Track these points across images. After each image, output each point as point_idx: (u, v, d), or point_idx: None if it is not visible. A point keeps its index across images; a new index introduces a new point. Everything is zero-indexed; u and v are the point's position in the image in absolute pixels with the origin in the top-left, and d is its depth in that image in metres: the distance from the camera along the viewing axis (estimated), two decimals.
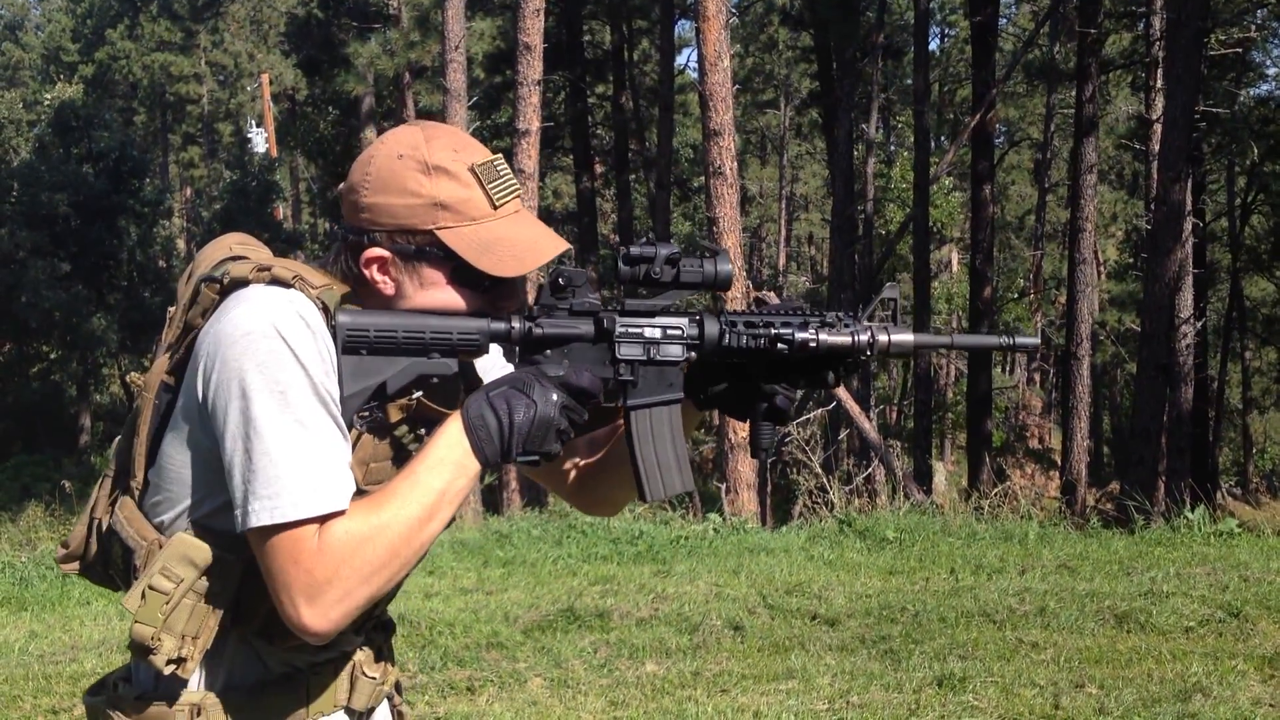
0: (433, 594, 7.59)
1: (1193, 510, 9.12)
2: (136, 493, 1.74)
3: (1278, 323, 31.07)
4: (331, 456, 1.60)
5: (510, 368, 1.82)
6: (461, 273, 1.70)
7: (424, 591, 7.59)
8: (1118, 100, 30.02)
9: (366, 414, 1.69)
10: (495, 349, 1.84)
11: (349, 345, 1.66)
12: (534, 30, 14.49)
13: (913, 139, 24.56)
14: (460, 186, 1.69)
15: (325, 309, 1.66)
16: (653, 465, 1.81)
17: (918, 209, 21.28)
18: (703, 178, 13.02)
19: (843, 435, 17.74)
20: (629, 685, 5.63)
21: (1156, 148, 17.98)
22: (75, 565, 1.86)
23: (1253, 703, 5.06)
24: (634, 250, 1.75)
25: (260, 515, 1.56)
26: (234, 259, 1.75)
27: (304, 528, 1.57)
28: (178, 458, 1.68)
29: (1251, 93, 26.61)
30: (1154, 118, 19.85)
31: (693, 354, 1.79)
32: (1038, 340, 1.91)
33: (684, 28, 33.80)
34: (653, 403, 1.80)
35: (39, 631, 7.12)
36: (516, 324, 1.73)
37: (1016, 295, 33.83)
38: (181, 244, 38.96)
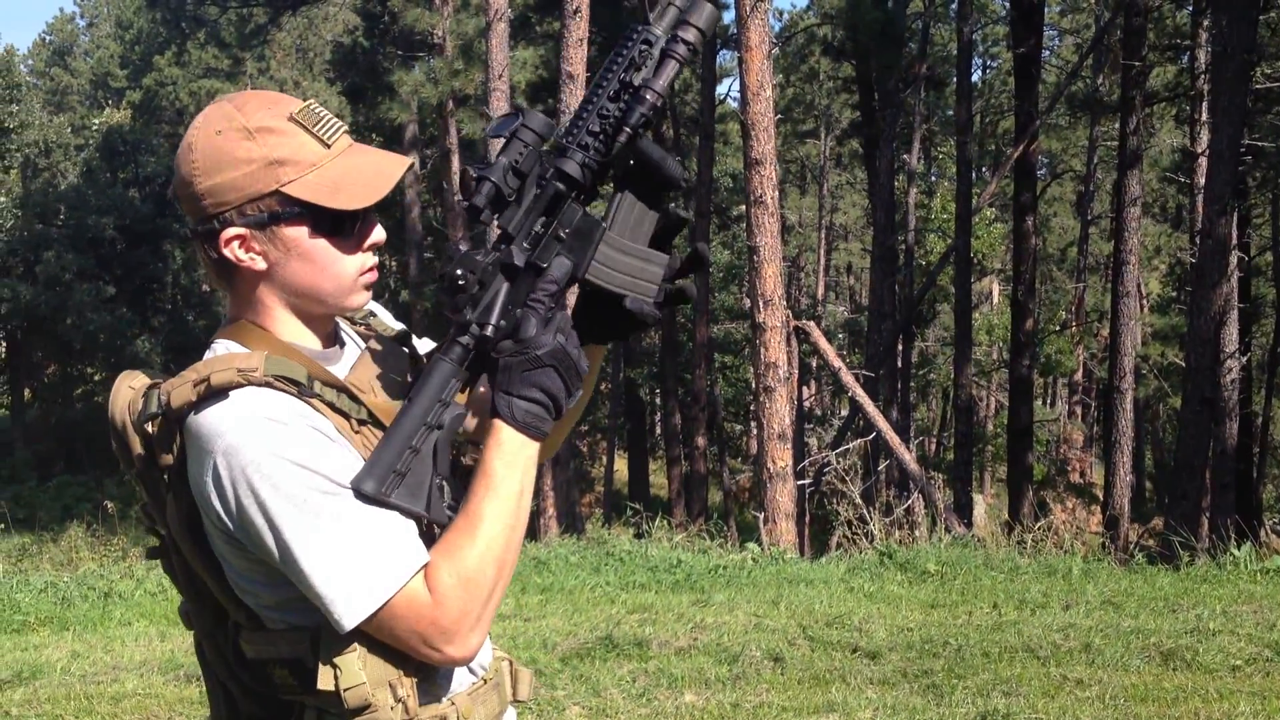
0: None
1: (1238, 547, 8.99)
2: None
3: None
4: (374, 524, 1.58)
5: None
6: (321, 222, 1.67)
7: None
8: (1162, 133, 29.86)
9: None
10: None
11: None
12: (577, 59, 14.56)
13: (954, 170, 24.48)
14: (288, 138, 1.65)
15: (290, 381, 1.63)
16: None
17: (959, 240, 21.19)
18: (743, 206, 13.02)
19: (882, 466, 17.63)
20: (667, 715, 5.60)
21: (1201, 181, 17.87)
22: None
23: None
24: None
25: (345, 620, 1.56)
26: (155, 387, 1.67)
27: (400, 596, 1.57)
28: None
29: None
30: (1199, 151, 19.73)
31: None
32: None
33: (725, 57, 33.90)
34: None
35: (81, 651, 7.17)
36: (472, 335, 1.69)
37: (1058, 328, 33.64)
38: None
